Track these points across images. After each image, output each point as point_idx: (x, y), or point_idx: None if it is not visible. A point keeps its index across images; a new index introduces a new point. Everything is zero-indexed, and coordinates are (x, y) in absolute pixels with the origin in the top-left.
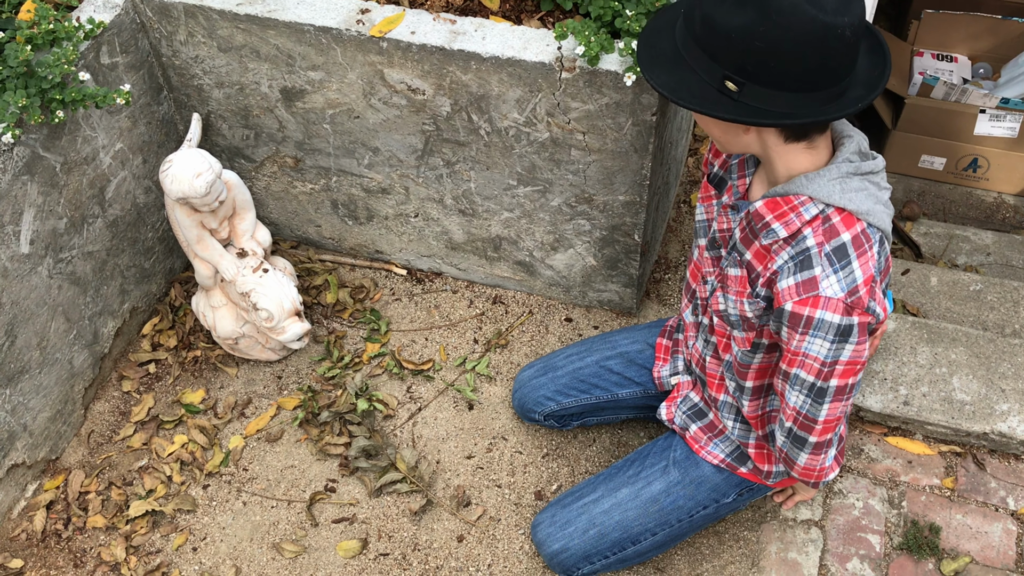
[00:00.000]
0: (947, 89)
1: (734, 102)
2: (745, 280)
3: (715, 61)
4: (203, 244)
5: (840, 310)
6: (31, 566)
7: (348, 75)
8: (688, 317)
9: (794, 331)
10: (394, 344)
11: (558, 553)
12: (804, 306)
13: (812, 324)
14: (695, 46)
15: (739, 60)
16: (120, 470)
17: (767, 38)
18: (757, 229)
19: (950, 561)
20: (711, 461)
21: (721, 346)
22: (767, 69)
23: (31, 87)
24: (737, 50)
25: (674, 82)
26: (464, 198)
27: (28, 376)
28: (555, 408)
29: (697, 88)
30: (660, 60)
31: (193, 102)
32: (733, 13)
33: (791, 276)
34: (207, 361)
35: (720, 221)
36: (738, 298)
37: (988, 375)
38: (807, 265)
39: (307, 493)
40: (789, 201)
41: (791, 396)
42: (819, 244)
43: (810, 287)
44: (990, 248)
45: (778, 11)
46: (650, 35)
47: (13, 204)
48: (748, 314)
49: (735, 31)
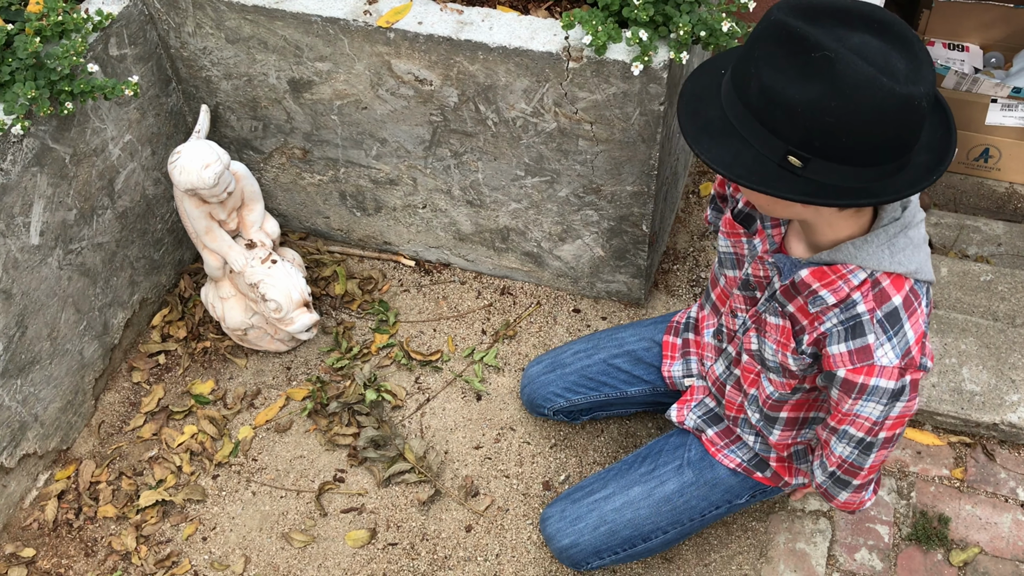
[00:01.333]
0: (958, 78)
1: (797, 177)
2: (789, 332)
3: (776, 135)
4: (212, 235)
5: (895, 376)
6: (43, 555)
7: (355, 66)
8: (709, 337)
9: (847, 395)
10: (402, 335)
11: (568, 548)
12: (859, 375)
13: (867, 391)
14: (751, 117)
15: (804, 135)
16: (130, 460)
17: (838, 113)
18: (803, 294)
19: (959, 552)
20: (728, 465)
21: (747, 381)
22: (836, 144)
23: (40, 79)
24: (803, 125)
25: (729, 157)
26: (472, 189)
27: (39, 367)
28: (564, 404)
29: (755, 164)
30: (709, 130)
31: (201, 93)
32: (799, 86)
33: (842, 343)
34: (216, 352)
35: (755, 268)
36: (780, 349)
37: (998, 366)
38: (859, 332)
39: (316, 483)
40: (837, 270)
41: (838, 447)
42: (871, 311)
43: (864, 356)
44: (1001, 238)
45: (852, 85)
46: (691, 101)
47: (23, 195)
48: (792, 367)
49: (802, 106)
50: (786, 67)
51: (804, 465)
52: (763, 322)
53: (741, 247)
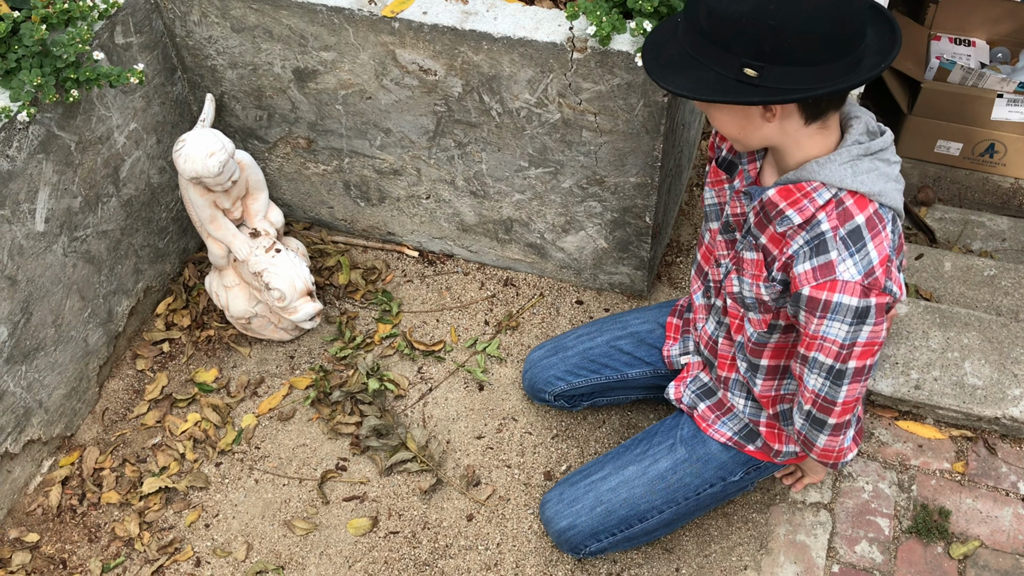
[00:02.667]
0: (964, 73)
1: (756, 87)
2: (761, 264)
3: (729, 51)
4: (216, 224)
5: (858, 292)
6: (46, 540)
7: (360, 56)
8: (699, 299)
9: (812, 315)
10: (405, 325)
11: (565, 530)
12: (822, 290)
13: (830, 308)
14: (705, 42)
15: (754, 44)
16: (134, 447)
17: (779, 15)
18: (771, 216)
19: (959, 545)
20: (718, 439)
21: (734, 327)
22: (784, 47)
23: (46, 66)
24: (750, 34)
25: (691, 82)
26: (475, 180)
27: (43, 353)
28: (565, 388)
29: (716, 83)
30: (670, 66)
31: (207, 82)
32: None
33: (807, 261)
34: (220, 340)
35: (733, 205)
36: (754, 281)
37: (1001, 360)
38: (823, 249)
39: (318, 471)
40: (802, 188)
41: (810, 379)
42: (834, 228)
43: (827, 271)
44: (1006, 234)
45: None
46: (653, 47)
47: (29, 182)
48: (764, 297)
49: (745, 16)
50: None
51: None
52: (741, 260)
53: (723, 194)
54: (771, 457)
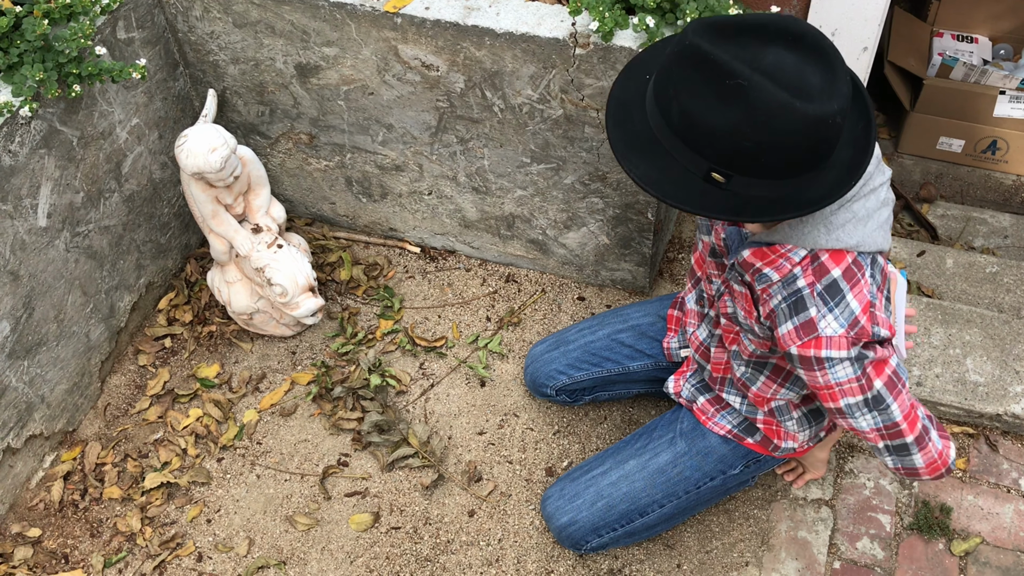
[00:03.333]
0: (967, 70)
1: (722, 191)
2: (750, 299)
3: (699, 154)
4: (218, 219)
5: (845, 345)
6: (48, 535)
7: (362, 51)
8: (691, 303)
9: (812, 370)
10: (407, 321)
11: (567, 526)
12: (808, 348)
13: (824, 362)
14: (674, 137)
15: (725, 157)
16: (136, 442)
17: (755, 138)
18: (748, 273)
19: (960, 542)
20: (718, 432)
21: (728, 340)
22: (756, 164)
23: (48, 61)
24: (723, 147)
25: (656, 173)
26: (477, 175)
27: (46, 348)
28: (567, 382)
29: (682, 179)
30: (636, 145)
31: (209, 78)
32: (716, 112)
33: (788, 321)
34: (222, 336)
35: (717, 237)
36: (746, 315)
37: (1002, 357)
38: (801, 307)
39: (320, 467)
40: (776, 250)
41: (860, 423)
42: (810, 284)
43: (809, 329)
44: (1008, 231)
45: (766, 112)
46: (618, 110)
47: (31, 178)
48: (759, 334)
49: (720, 130)
50: (703, 93)
51: (790, 423)
52: (732, 288)
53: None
54: (770, 451)
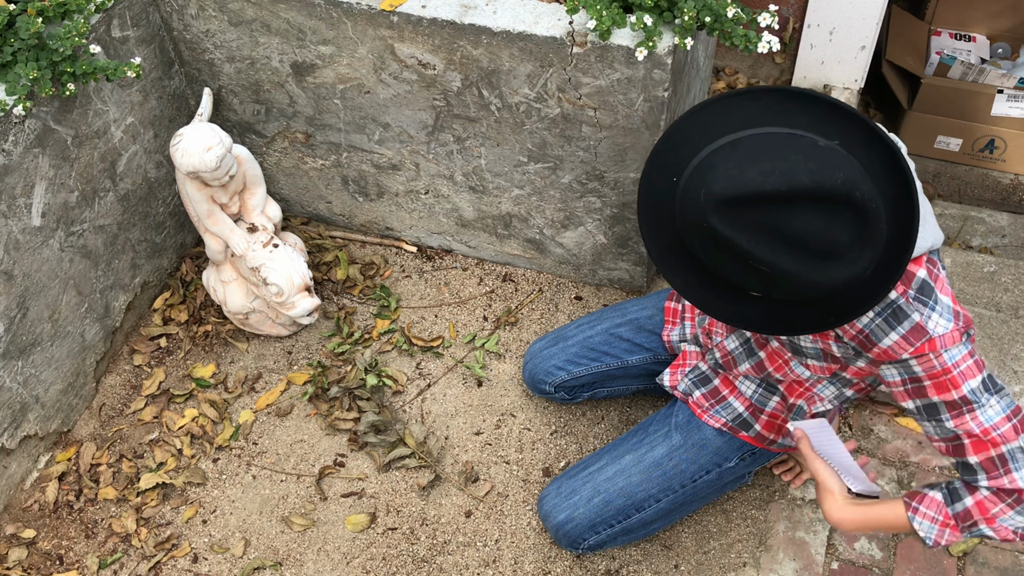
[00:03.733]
0: (964, 69)
1: (759, 307)
2: (828, 333)
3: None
4: (213, 219)
5: (958, 338)
6: (43, 536)
7: (358, 49)
8: None
9: (931, 362)
10: (404, 321)
11: (564, 524)
12: (924, 351)
13: (944, 355)
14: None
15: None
16: (131, 443)
17: (786, 298)
18: None
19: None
20: (713, 425)
21: (774, 366)
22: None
23: (42, 59)
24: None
25: (695, 285)
26: (474, 175)
27: (40, 349)
28: (565, 378)
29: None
30: (667, 256)
31: (204, 76)
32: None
33: (890, 332)
34: (218, 336)
35: None
36: (819, 338)
37: (1000, 356)
38: (903, 316)
39: (316, 467)
40: None
41: (989, 413)
42: (903, 293)
43: (919, 334)
44: (1005, 230)
45: (793, 292)
46: (650, 215)
47: (25, 177)
48: (836, 354)
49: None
50: (734, 269)
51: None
52: None
53: None
54: (765, 445)
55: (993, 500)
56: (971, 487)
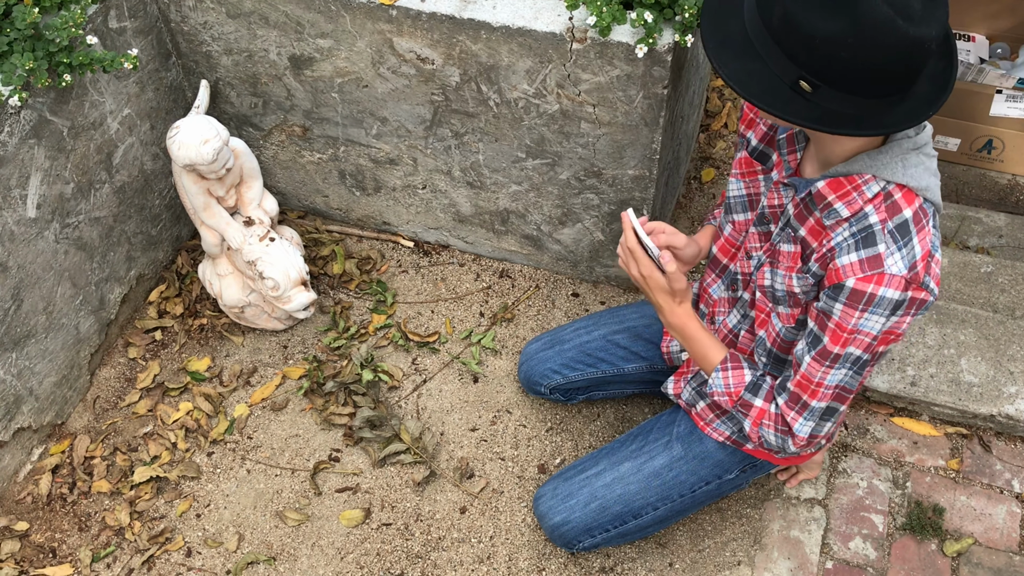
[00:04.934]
0: (963, 69)
1: (807, 101)
2: (798, 256)
3: (792, 61)
4: (210, 212)
5: (901, 286)
6: (36, 529)
7: (357, 43)
8: (718, 292)
9: (852, 308)
10: (400, 316)
11: (559, 526)
12: (868, 283)
13: (873, 301)
14: (770, 40)
15: (819, 65)
16: (125, 436)
17: (853, 49)
18: (817, 208)
19: (953, 542)
20: (716, 438)
21: (759, 321)
22: (848, 76)
23: (38, 50)
24: (819, 55)
25: (744, 73)
26: (472, 170)
27: (34, 341)
28: (561, 381)
29: (768, 83)
30: (729, 44)
31: (201, 69)
32: (820, 18)
33: (852, 252)
34: (213, 329)
35: (771, 197)
36: (787, 273)
37: (997, 357)
38: (871, 242)
39: (311, 462)
40: (852, 180)
41: (835, 375)
42: (882, 221)
43: (875, 264)
44: (1003, 230)
45: (872, 26)
46: (716, 13)
47: (20, 168)
48: (796, 290)
49: (820, 39)
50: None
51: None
52: (776, 252)
53: (756, 185)
54: (770, 454)
55: (771, 417)
56: (769, 395)
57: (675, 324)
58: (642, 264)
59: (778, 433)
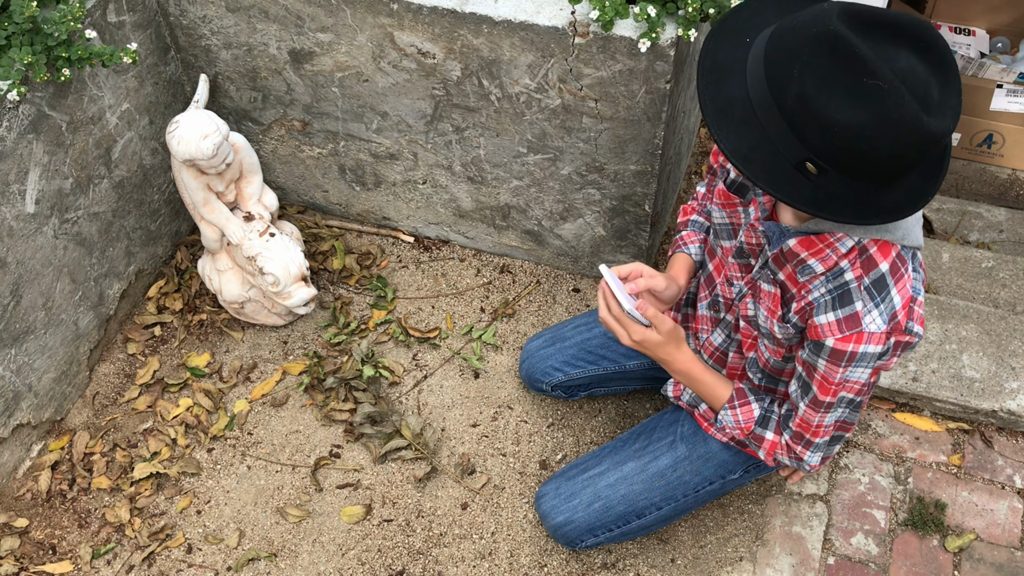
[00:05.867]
0: (964, 63)
1: (807, 182)
2: (778, 299)
3: (802, 142)
4: (209, 207)
5: (882, 341)
6: (36, 525)
7: (357, 37)
8: (703, 310)
9: (836, 365)
10: (400, 311)
11: (562, 525)
12: (847, 343)
13: (855, 358)
14: (779, 117)
15: (832, 151)
16: (125, 432)
17: (873, 142)
18: (792, 264)
19: (955, 538)
20: (720, 439)
21: (746, 345)
22: (859, 165)
23: (37, 44)
24: (833, 143)
25: (746, 148)
26: (473, 165)
27: (33, 336)
28: (562, 379)
29: (771, 161)
30: (729, 114)
31: (200, 63)
32: (843, 108)
33: (830, 312)
34: (213, 325)
35: (748, 235)
36: (769, 316)
37: (998, 352)
38: (847, 300)
39: (312, 458)
40: (824, 239)
41: (832, 416)
42: (858, 278)
43: (853, 324)
44: (1003, 225)
45: (896, 121)
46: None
47: (19, 163)
48: (778, 335)
49: (840, 127)
50: (835, 85)
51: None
52: (758, 289)
53: (737, 216)
54: None
55: (783, 448)
56: (779, 428)
57: (681, 371)
58: (632, 331)
59: (792, 459)
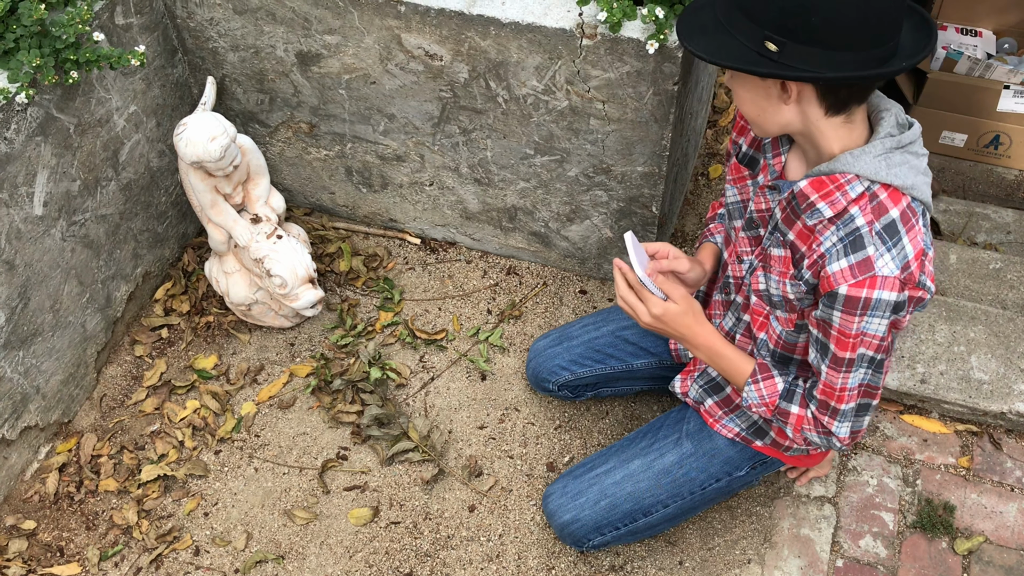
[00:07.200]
0: (971, 64)
1: (774, 62)
2: (789, 260)
3: (754, 22)
4: (217, 209)
5: (896, 288)
6: (43, 528)
7: (365, 39)
8: (716, 295)
9: (851, 314)
10: (407, 313)
11: (569, 524)
12: (861, 288)
13: (870, 305)
14: (735, 10)
15: (778, 18)
16: (132, 434)
17: (814, 3)
18: (800, 209)
19: (964, 540)
20: (725, 435)
21: (756, 324)
22: (806, 25)
23: (45, 47)
24: (777, 8)
25: (713, 47)
26: (480, 167)
27: (41, 339)
28: (569, 378)
29: (736, 51)
30: (702, 30)
31: (208, 65)
32: None
33: (842, 258)
34: (220, 327)
35: (757, 201)
36: (781, 279)
37: (1007, 354)
38: (859, 245)
39: (319, 460)
40: (835, 180)
41: (855, 377)
42: (869, 223)
43: (866, 268)
44: (1011, 226)
45: None
46: (692, 12)
47: (27, 165)
48: (790, 296)
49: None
50: None
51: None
52: (768, 257)
53: (747, 191)
54: (780, 452)
55: (810, 422)
56: (804, 400)
57: (703, 345)
58: (651, 303)
59: (820, 435)
